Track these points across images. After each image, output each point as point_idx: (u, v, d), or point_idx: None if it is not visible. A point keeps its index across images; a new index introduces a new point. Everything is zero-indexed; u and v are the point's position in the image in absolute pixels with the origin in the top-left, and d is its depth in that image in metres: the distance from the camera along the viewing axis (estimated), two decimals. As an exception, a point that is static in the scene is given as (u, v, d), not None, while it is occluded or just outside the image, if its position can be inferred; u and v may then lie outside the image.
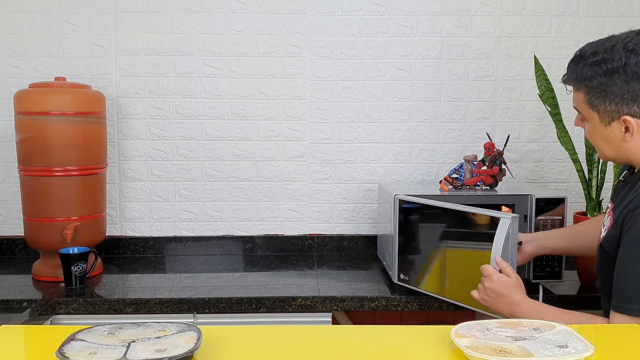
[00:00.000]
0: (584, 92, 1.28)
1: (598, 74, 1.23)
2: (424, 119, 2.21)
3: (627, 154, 1.28)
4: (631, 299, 1.18)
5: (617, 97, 1.23)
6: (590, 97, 1.26)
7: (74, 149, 1.87)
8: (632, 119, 1.23)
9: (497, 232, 1.40)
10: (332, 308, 1.74)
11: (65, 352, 0.89)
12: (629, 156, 1.29)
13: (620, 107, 1.23)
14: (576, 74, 1.28)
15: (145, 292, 1.79)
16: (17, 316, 1.62)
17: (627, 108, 1.23)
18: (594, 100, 1.26)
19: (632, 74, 1.20)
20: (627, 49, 1.21)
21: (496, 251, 1.40)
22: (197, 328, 0.99)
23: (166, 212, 2.22)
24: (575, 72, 1.28)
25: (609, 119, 1.26)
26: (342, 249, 2.25)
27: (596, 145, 1.33)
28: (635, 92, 1.21)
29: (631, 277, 1.19)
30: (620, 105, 1.23)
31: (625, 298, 1.20)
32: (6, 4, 2.12)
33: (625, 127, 1.24)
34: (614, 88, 1.23)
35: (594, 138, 1.32)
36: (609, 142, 1.29)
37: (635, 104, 1.22)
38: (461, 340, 0.95)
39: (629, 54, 1.20)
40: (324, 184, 2.23)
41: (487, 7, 2.18)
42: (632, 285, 1.19)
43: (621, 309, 1.20)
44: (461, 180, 1.88)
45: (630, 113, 1.23)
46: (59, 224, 1.86)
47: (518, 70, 2.21)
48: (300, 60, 2.18)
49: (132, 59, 2.16)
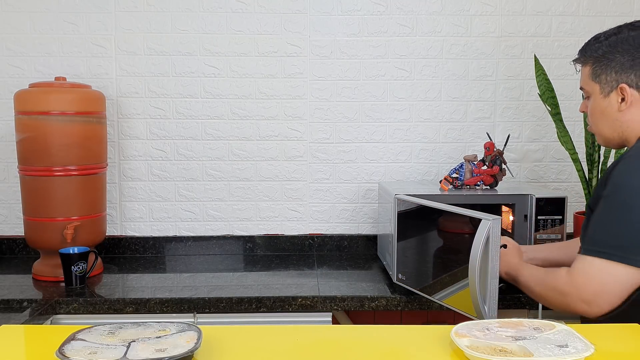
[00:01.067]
0: (590, 64, 1.37)
1: (604, 44, 1.34)
2: (424, 119, 2.22)
3: (622, 129, 1.34)
4: (595, 241, 1.25)
5: (617, 65, 1.32)
6: (595, 68, 1.35)
7: (74, 149, 1.87)
8: (628, 87, 1.31)
9: (476, 233, 1.40)
10: (332, 308, 1.74)
11: (66, 352, 0.89)
12: (623, 131, 1.34)
13: (620, 76, 1.32)
14: (586, 48, 1.39)
15: (146, 292, 1.79)
16: (17, 316, 1.62)
17: (625, 77, 1.31)
18: (597, 70, 1.35)
19: (634, 44, 1.30)
20: (634, 27, 1.32)
21: (475, 253, 1.40)
22: (197, 328, 0.99)
23: (166, 212, 2.22)
24: (586, 47, 1.39)
25: (608, 89, 1.34)
26: (342, 249, 2.25)
27: (595, 123, 1.39)
28: (634, 61, 1.30)
29: (598, 222, 1.26)
30: (620, 73, 1.31)
31: (589, 241, 1.27)
32: (6, 4, 2.12)
33: (622, 97, 1.31)
34: (616, 56, 1.32)
35: (593, 114, 1.39)
36: (606, 115, 1.35)
37: (632, 72, 1.30)
38: (461, 340, 0.95)
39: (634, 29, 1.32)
40: (324, 183, 2.24)
41: (487, 7, 2.18)
42: (598, 229, 1.26)
43: (585, 250, 1.27)
44: (461, 180, 1.88)
45: (627, 82, 1.31)
46: (59, 223, 1.86)
47: (518, 70, 2.21)
48: (300, 60, 2.18)
49: (132, 58, 2.16)
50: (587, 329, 1.06)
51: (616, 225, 1.23)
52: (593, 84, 1.37)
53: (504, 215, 1.85)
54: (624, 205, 1.22)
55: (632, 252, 1.21)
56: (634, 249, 1.21)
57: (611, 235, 1.24)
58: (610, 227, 1.24)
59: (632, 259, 1.20)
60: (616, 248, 1.22)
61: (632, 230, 1.21)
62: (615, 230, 1.23)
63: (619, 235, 1.22)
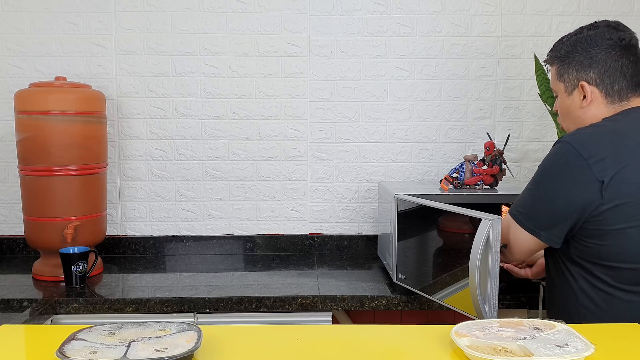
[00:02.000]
0: (555, 64, 1.43)
1: (566, 44, 1.40)
2: (424, 119, 2.22)
3: (583, 125, 1.38)
4: (515, 204, 1.42)
5: (577, 64, 1.37)
6: (559, 67, 1.42)
7: (74, 149, 1.87)
8: (587, 85, 1.36)
9: (477, 233, 1.40)
10: (332, 307, 1.74)
11: (66, 352, 0.89)
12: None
13: (580, 74, 1.37)
14: (552, 49, 1.45)
15: (146, 291, 1.79)
16: (17, 316, 1.62)
17: (585, 74, 1.37)
18: (561, 69, 1.41)
19: (591, 42, 1.36)
20: (593, 26, 1.38)
21: (475, 252, 1.40)
22: (198, 327, 0.99)
23: (166, 211, 2.22)
24: (552, 49, 1.45)
25: (571, 87, 1.40)
26: (343, 249, 2.25)
27: (563, 121, 1.46)
28: (592, 59, 1.35)
29: (523, 190, 1.42)
30: (580, 71, 1.37)
31: (514, 203, 1.44)
32: (7, 4, 2.12)
33: (584, 95, 1.37)
34: (575, 55, 1.38)
35: (561, 113, 1.46)
36: (570, 113, 1.42)
37: (591, 70, 1.36)
38: (461, 340, 0.95)
39: (592, 29, 1.38)
40: (324, 183, 2.24)
41: (487, 7, 2.18)
42: (520, 196, 1.42)
43: (510, 210, 1.44)
44: (461, 180, 1.88)
45: (587, 80, 1.36)
46: (59, 223, 1.86)
47: (518, 70, 2.21)
48: (300, 60, 2.18)
49: (133, 58, 2.16)
50: (587, 328, 1.06)
51: (526, 195, 1.39)
52: (559, 83, 1.43)
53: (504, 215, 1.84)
54: (534, 181, 1.38)
55: (528, 220, 1.36)
56: (530, 217, 1.36)
57: (520, 202, 1.41)
58: (523, 194, 1.41)
59: (526, 225, 1.37)
60: (520, 214, 1.39)
61: (531, 201, 1.37)
62: (523, 198, 1.40)
63: (525, 204, 1.39)
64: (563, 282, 1.38)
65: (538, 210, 1.36)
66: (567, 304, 1.37)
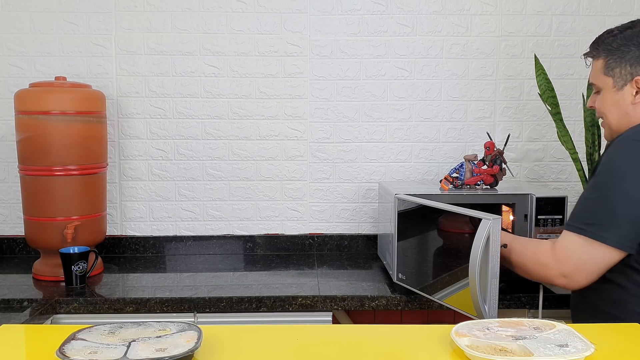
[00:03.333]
0: (603, 57, 1.38)
1: (619, 38, 1.35)
2: (424, 118, 2.22)
3: (630, 122, 1.35)
4: (576, 218, 1.32)
5: (632, 59, 1.33)
6: (609, 61, 1.36)
7: (74, 149, 1.87)
8: None
9: (477, 233, 1.40)
10: (332, 307, 1.74)
11: (66, 352, 0.89)
12: (631, 125, 1.35)
13: (634, 69, 1.33)
14: (599, 41, 1.40)
15: (146, 291, 1.79)
16: (17, 316, 1.62)
17: None
18: (611, 64, 1.36)
19: None
20: None
21: (475, 252, 1.40)
22: (198, 327, 0.99)
23: (166, 211, 2.22)
24: (599, 40, 1.40)
25: (622, 82, 1.35)
26: (343, 249, 2.25)
27: (605, 115, 1.40)
28: None
29: (582, 200, 1.33)
30: (635, 67, 1.33)
31: (572, 216, 1.34)
32: (7, 4, 2.12)
33: (637, 90, 1.33)
34: (631, 48, 1.33)
35: (603, 107, 1.40)
36: (617, 107, 1.36)
37: None
38: (461, 340, 0.95)
39: None
40: (324, 183, 2.24)
41: (487, 7, 2.18)
42: (580, 206, 1.33)
43: (567, 225, 1.33)
44: (461, 180, 1.88)
45: None
46: (60, 223, 1.86)
47: (518, 70, 2.21)
48: (300, 60, 2.18)
49: (133, 58, 2.16)
50: (587, 328, 1.06)
51: (595, 203, 1.28)
52: (605, 77, 1.38)
53: (504, 215, 1.84)
54: (605, 185, 1.27)
55: (606, 230, 1.25)
56: (608, 227, 1.25)
57: (589, 212, 1.29)
58: (589, 204, 1.30)
59: (605, 237, 1.24)
60: (592, 225, 1.26)
61: (608, 208, 1.25)
62: (593, 207, 1.29)
63: (597, 213, 1.27)
64: (611, 287, 1.30)
65: (618, 217, 1.24)
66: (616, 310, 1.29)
